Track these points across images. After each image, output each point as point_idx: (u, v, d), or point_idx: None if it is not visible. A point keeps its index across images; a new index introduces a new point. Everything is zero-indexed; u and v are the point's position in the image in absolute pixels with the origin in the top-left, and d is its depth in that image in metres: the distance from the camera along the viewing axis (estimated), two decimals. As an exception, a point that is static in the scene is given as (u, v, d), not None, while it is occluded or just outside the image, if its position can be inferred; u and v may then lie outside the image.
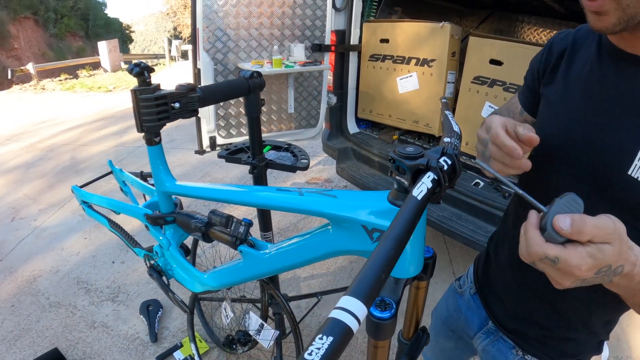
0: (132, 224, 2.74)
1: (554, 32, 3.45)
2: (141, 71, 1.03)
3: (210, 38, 2.46)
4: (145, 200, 1.77)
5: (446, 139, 0.70)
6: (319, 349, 0.32)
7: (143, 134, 1.12)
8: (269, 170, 1.50)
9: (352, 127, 3.30)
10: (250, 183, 3.85)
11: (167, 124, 1.11)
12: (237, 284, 1.12)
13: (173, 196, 1.22)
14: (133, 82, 7.91)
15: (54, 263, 2.76)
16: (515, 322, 0.92)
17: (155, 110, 1.05)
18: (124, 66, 12.89)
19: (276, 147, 1.66)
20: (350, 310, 0.36)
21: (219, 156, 1.56)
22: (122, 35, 23.83)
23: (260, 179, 1.48)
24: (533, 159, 0.80)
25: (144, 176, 1.77)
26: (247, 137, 2.88)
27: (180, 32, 21.86)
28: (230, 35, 2.52)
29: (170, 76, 10.35)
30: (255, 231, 1.11)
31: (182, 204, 1.27)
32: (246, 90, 1.27)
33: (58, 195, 3.76)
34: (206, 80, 2.54)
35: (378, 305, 0.67)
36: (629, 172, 0.64)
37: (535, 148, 0.74)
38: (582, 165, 0.71)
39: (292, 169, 1.51)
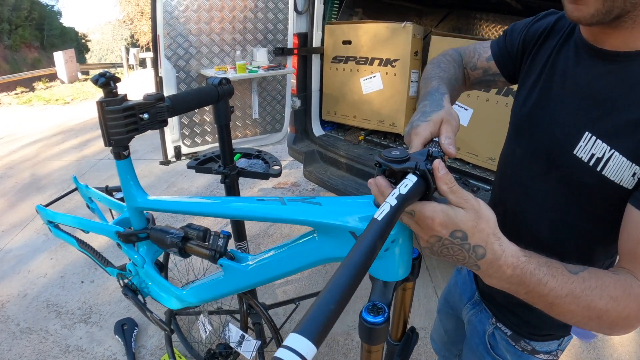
0: (98, 240, 2.63)
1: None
2: (107, 81, 0.98)
3: (172, 45, 2.40)
4: (112, 215, 1.71)
5: (431, 148, 0.70)
6: None
7: (110, 147, 1.07)
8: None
9: (317, 130, 3.29)
10: (217, 191, 3.80)
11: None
12: (218, 298, 1.09)
13: (144, 211, 1.17)
14: (91, 93, 7.62)
15: (22, 287, 2.61)
16: (489, 287, 0.95)
17: (123, 122, 1.00)
18: (81, 77, 12.43)
19: (246, 155, 1.62)
20: (298, 350, 0.34)
21: (189, 167, 1.51)
22: (78, 44, 22.92)
23: (232, 188, 1.45)
24: (508, 137, 0.92)
25: (109, 191, 1.70)
26: (212, 145, 2.83)
27: (138, 40, 21.22)
28: (192, 41, 2.46)
29: (130, 86, 10.06)
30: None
31: (154, 218, 1.22)
32: (215, 97, 1.24)
33: (20, 214, 3.57)
34: (169, 89, 2.47)
35: (370, 310, 0.66)
36: (574, 152, 0.70)
37: (510, 123, 0.89)
38: (539, 143, 0.78)
39: (265, 176, 1.48)
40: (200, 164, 1.52)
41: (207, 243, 0.97)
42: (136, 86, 9.82)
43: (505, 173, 0.91)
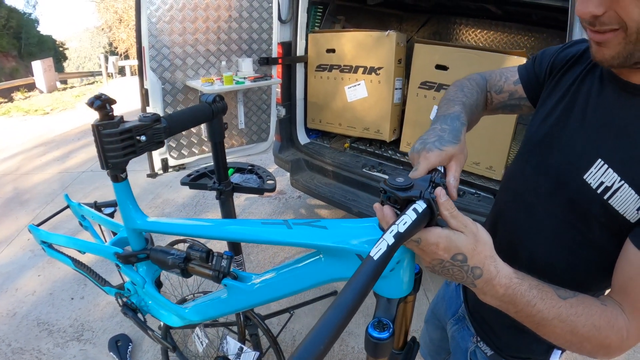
0: (87, 257, 2.60)
1: (491, 32, 3.65)
2: (103, 104, 0.98)
3: (157, 56, 2.39)
4: (100, 230, 1.68)
5: (434, 176, 0.71)
6: None
7: (107, 170, 1.07)
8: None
9: (303, 138, 3.31)
10: (204, 201, 3.78)
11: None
12: (221, 316, 1.10)
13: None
14: (70, 102, 7.44)
15: (10, 305, 2.56)
16: (477, 305, 0.98)
17: (120, 145, 1.00)
18: (59, 86, 12.18)
19: (240, 170, 1.63)
20: None
21: (182, 183, 1.51)
22: (56, 53, 22.28)
23: (227, 204, 1.46)
24: (519, 151, 0.92)
25: (98, 206, 1.69)
26: (199, 157, 2.83)
27: (116, 48, 20.81)
28: (177, 52, 2.45)
29: (110, 94, 9.86)
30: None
31: (152, 238, 1.22)
32: (210, 115, 1.25)
33: (4, 230, 3.47)
34: (154, 101, 2.46)
35: (376, 326, 0.69)
36: (584, 177, 0.71)
37: (525, 139, 0.89)
38: (551, 162, 0.80)
39: (260, 191, 1.50)
40: (194, 180, 1.53)
41: (210, 264, 0.98)
42: (117, 95, 9.67)
43: (510, 188, 0.93)
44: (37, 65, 11.54)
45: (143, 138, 1.03)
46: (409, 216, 0.56)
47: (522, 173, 0.88)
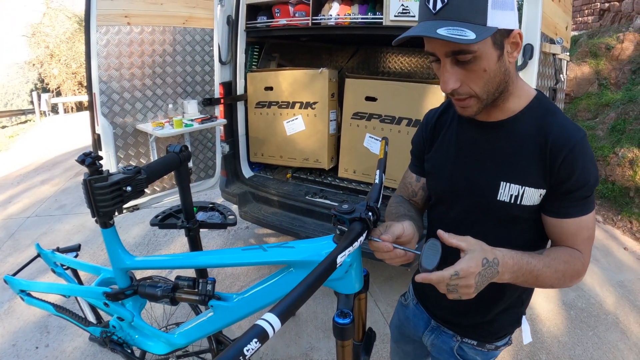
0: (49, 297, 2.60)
1: (414, 58, 4.09)
2: (93, 161, 1.16)
3: (107, 102, 2.50)
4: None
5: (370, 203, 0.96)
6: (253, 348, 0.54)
7: (95, 218, 1.23)
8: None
9: (247, 172, 3.48)
10: (154, 239, 3.83)
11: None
12: (207, 335, 1.27)
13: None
14: (4, 144, 6.98)
15: (-27, 362, 2.45)
16: (452, 316, 1.19)
17: (110, 196, 1.17)
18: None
19: (202, 208, 1.81)
20: (270, 322, 0.58)
21: (152, 224, 1.67)
22: None
23: (195, 239, 1.63)
24: (433, 206, 1.16)
25: (61, 251, 1.78)
26: (150, 197, 2.93)
27: (48, 84, 19.55)
28: (126, 98, 2.58)
29: (45, 134, 9.48)
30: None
31: (134, 275, 1.37)
32: (178, 163, 1.44)
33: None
34: (107, 145, 2.55)
35: (340, 315, 0.93)
36: (498, 198, 0.96)
37: (434, 199, 1.12)
38: (467, 201, 1.03)
39: (223, 226, 1.69)
40: (162, 220, 1.69)
41: (197, 290, 1.16)
42: (52, 134, 9.31)
43: (447, 230, 1.10)
44: (-34, 106, 10.79)
45: (129, 189, 1.21)
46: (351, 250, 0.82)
47: (447, 216, 1.08)
